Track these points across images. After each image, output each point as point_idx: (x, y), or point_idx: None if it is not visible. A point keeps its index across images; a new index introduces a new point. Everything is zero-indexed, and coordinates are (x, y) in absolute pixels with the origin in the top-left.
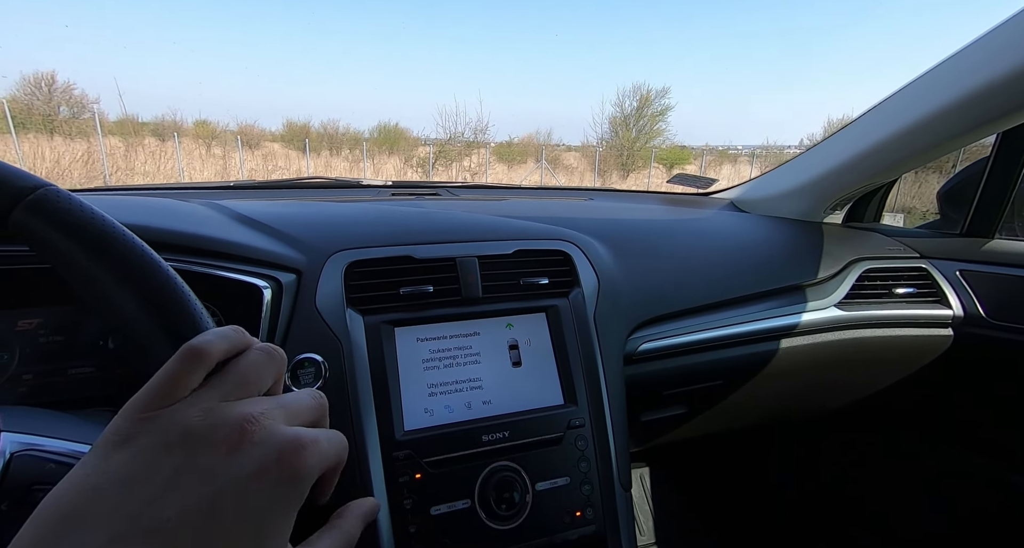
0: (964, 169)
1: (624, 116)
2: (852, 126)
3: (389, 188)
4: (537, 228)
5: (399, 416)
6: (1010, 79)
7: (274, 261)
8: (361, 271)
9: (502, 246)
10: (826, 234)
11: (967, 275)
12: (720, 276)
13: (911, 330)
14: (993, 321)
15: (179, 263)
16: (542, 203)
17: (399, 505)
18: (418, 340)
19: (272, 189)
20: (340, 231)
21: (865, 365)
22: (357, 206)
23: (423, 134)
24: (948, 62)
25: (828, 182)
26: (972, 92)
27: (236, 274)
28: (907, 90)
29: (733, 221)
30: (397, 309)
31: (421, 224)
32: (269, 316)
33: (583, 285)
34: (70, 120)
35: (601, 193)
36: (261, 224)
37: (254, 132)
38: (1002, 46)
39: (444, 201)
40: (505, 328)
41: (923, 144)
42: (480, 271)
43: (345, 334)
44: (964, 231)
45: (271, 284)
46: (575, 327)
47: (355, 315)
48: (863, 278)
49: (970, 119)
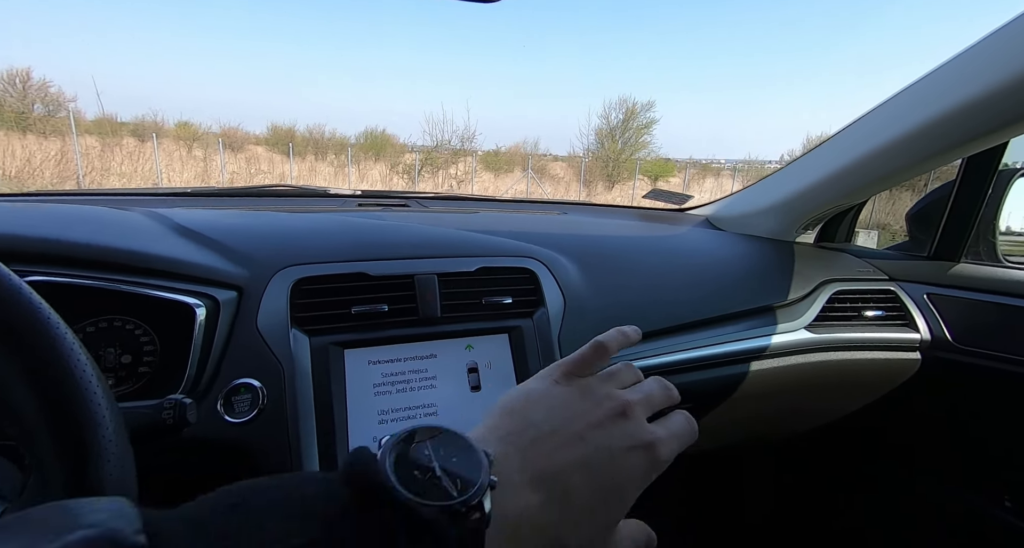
0: (932, 191)
1: (610, 128)
2: (824, 147)
3: (356, 198)
4: (503, 244)
5: (344, 446)
6: (973, 106)
7: (211, 277)
8: (310, 289)
9: (464, 263)
10: (797, 254)
11: (934, 299)
12: (692, 297)
13: (880, 353)
14: (959, 346)
15: (102, 281)
16: (513, 217)
17: None
18: (369, 363)
19: (233, 197)
20: (290, 244)
21: (834, 388)
22: (314, 217)
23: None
24: (913, 88)
25: (799, 202)
26: (936, 118)
27: (166, 292)
28: (874, 114)
29: (707, 239)
30: (348, 329)
31: (379, 238)
32: (203, 338)
33: (548, 305)
34: (45, 118)
35: (575, 207)
36: (201, 236)
37: (238, 135)
38: (965, 74)
39: (412, 213)
40: (464, 350)
41: (889, 168)
42: (440, 289)
43: (288, 357)
44: (931, 254)
45: (205, 302)
46: (539, 349)
47: (301, 336)
48: (833, 300)
49: (934, 145)
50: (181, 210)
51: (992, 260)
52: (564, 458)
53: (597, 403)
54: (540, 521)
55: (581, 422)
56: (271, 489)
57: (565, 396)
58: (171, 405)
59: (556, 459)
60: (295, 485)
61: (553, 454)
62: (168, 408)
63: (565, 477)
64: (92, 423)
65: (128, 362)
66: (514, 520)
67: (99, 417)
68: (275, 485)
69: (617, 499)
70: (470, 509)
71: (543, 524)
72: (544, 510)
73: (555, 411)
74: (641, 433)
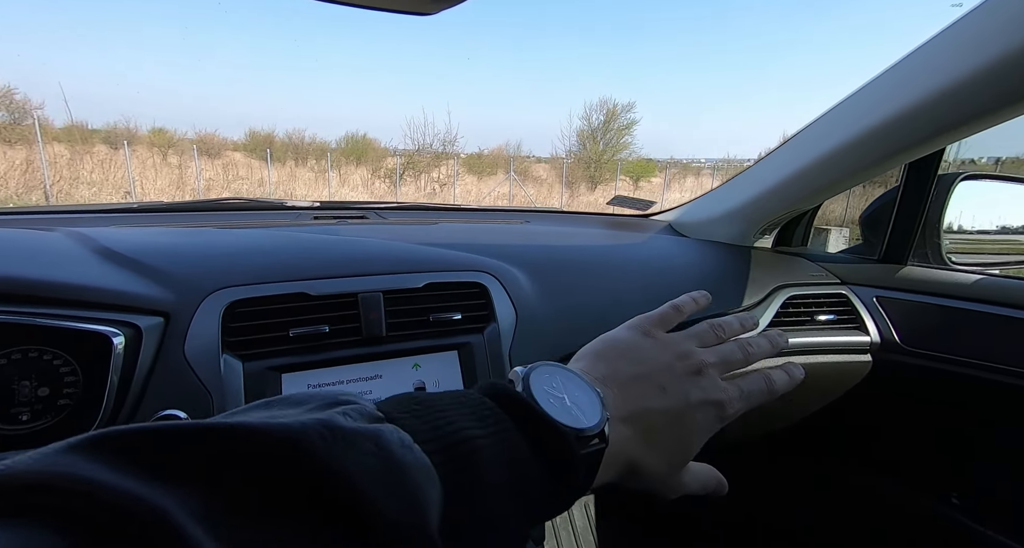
0: (882, 195)
1: (591, 129)
2: (775, 153)
3: (313, 210)
4: (453, 257)
5: None
6: (910, 113)
7: (131, 304)
8: (244, 311)
9: (411, 279)
10: (755, 259)
11: (883, 301)
12: (648, 303)
13: (833, 357)
14: (907, 347)
15: (11, 316)
16: (472, 227)
17: None
18: (309, 387)
19: (180, 212)
20: (224, 265)
21: (790, 393)
22: (257, 233)
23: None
24: (856, 95)
25: (755, 207)
26: (877, 125)
27: (78, 323)
28: (821, 121)
29: (668, 245)
30: (286, 353)
31: (324, 255)
32: (122, 368)
33: (499, 320)
34: (10, 126)
35: (539, 215)
36: (127, 258)
37: (215, 141)
38: (904, 80)
39: (368, 225)
40: (411, 369)
41: (835, 174)
42: (385, 308)
43: (217, 385)
44: (881, 257)
45: (124, 331)
46: (488, 366)
47: (233, 361)
48: (787, 305)
49: (875, 152)
50: (111, 229)
51: (938, 262)
52: (649, 403)
53: (677, 358)
54: (628, 451)
55: (664, 374)
56: (438, 398)
57: (650, 349)
58: None
59: (642, 403)
60: (455, 397)
61: (640, 399)
62: None
63: (649, 418)
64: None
65: (46, 395)
66: (611, 448)
67: None
68: (436, 397)
69: (688, 443)
70: (595, 436)
71: (630, 454)
72: (632, 442)
73: (642, 362)
74: (714, 391)
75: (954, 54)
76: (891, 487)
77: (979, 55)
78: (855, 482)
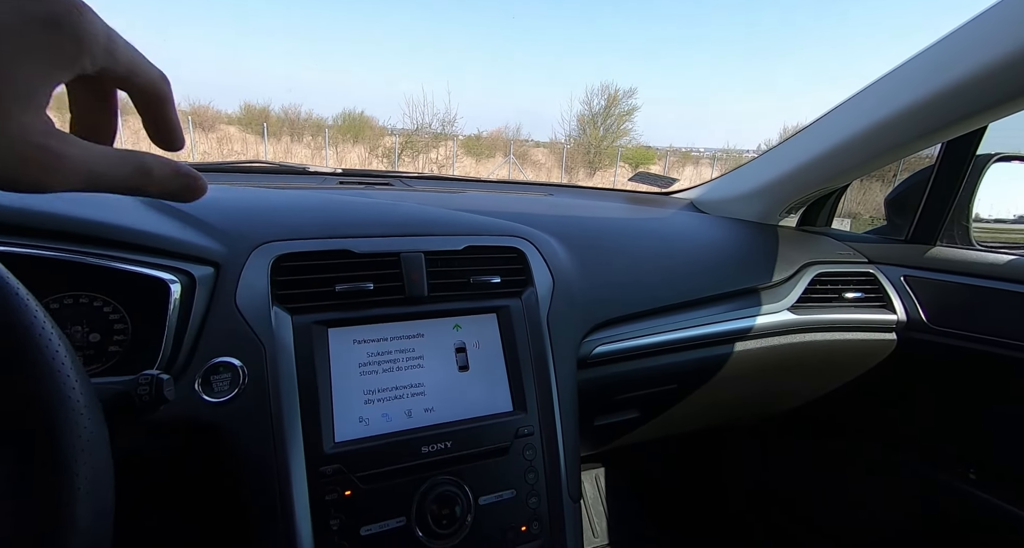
0: (910, 176)
1: (592, 114)
2: (805, 132)
3: (337, 176)
4: (491, 223)
5: (329, 427)
6: (953, 91)
7: (187, 252)
8: (291, 265)
9: (452, 241)
10: (781, 237)
11: (911, 281)
12: (677, 278)
13: (858, 334)
14: (934, 326)
15: (69, 254)
16: (499, 197)
17: (324, 526)
18: (355, 342)
19: (210, 172)
20: (269, 220)
21: (815, 369)
22: (294, 193)
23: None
24: (895, 73)
25: (783, 186)
26: (918, 102)
27: (138, 267)
28: (857, 99)
29: (692, 222)
30: (332, 308)
31: (364, 215)
32: (178, 314)
33: (537, 285)
34: None
35: (562, 189)
36: (175, 210)
37: (209, 113)
38: (946, 58)
39: (396, 192)
40: (452, 330)
41: (875, 151)
42: (426, 268)
43: (269, 336)
44: (909, 238)
45: (181, 278)
46: (527, 329)
47: (282, 314)
48: (815, 282)
49: (916, 129)
50: None
51: (965, 244)
52: None
53: None
54: None
55: None
56: None
57: None
58: (147, 380)
59: None
60: None
61: None
62: (144, 384)
63: None
64: (59, 395)
65: (97, 341)
66: None
67: (67, 388)
68: None
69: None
70: None
71: None
72: None
73: None
74: None
75: (1008, 26)
76: (910, 463)
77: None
78: (872, 457)
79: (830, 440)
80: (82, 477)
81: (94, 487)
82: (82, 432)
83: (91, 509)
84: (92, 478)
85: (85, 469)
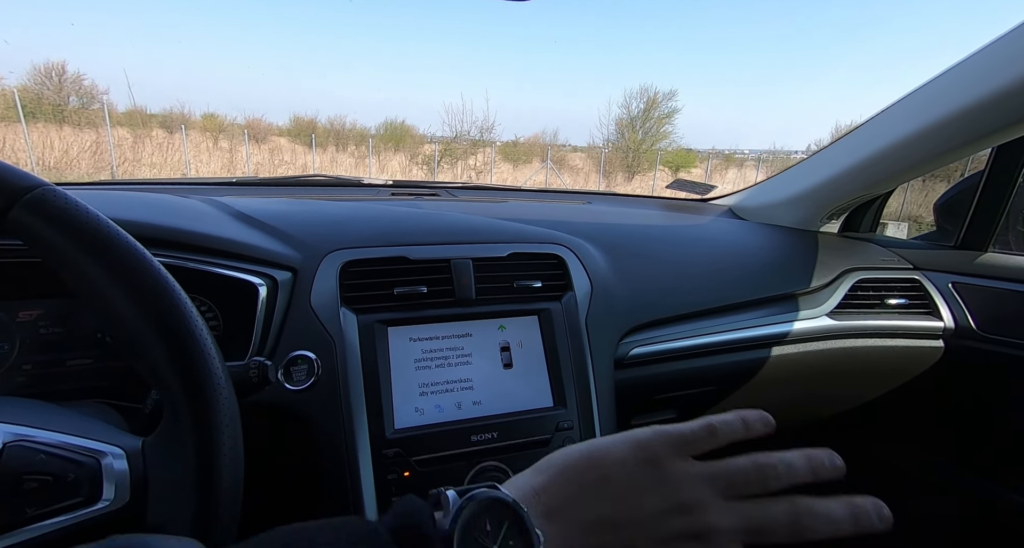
0: (960, 181)
1: (630, 118)
2: (850, 136)
3: (389, 187)
4: (532, 231)
5: (390, 415)
6: (1005, 94)
7: (270, 259)
8: (356, 271)
9: (496, 248)
10: (821, 243)
11: (960, 288)
12: (714, 283)
13: (902, 341)
14: (984, 334)
15: (175, 259)
16: (540, 206)
17: (388, 502)
18: (411, 340)
19: (273, 186)
20: (336, 230)
21: (856, 375)
22: (355, 205)
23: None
24: (945, 75)
25: (825, 191)
26: (967, 106)
27: (232, 271)
28: (905, 102)
29: (730, 228)
30: (391, 309)
31: (417, 225)
32: (264, 313)
33: (576, 289)
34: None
35: (600, 197)
36: (259, 222)
37: (261, 126)
38: (998, 61)
39: (442, 202)
40: (497, 330)
41: (919, 157)
42: (474, 273)
43: (339, 333)
44: (958, 243)
45: (267, 281)
46: (567, 330)
47: (349, 314)
48: (856, 288)
49: (965, 133)
50: (234, 198)
51: (1021, 249)
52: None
53: (675, 511)
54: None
55: (642, 529)
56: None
57: (642, 483)
58: (256, 365)
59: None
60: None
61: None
62: (254, 368)
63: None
64: (210, 375)
65: None
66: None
67: (215, 369)
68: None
69: None
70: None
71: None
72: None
73: (620, 502)
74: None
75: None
76: (958, 474)
77: None
78: (918, 465)
79: (874, 446)
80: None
81: (231, 422)
82: (223, 400)
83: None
84: (230, 414)
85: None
